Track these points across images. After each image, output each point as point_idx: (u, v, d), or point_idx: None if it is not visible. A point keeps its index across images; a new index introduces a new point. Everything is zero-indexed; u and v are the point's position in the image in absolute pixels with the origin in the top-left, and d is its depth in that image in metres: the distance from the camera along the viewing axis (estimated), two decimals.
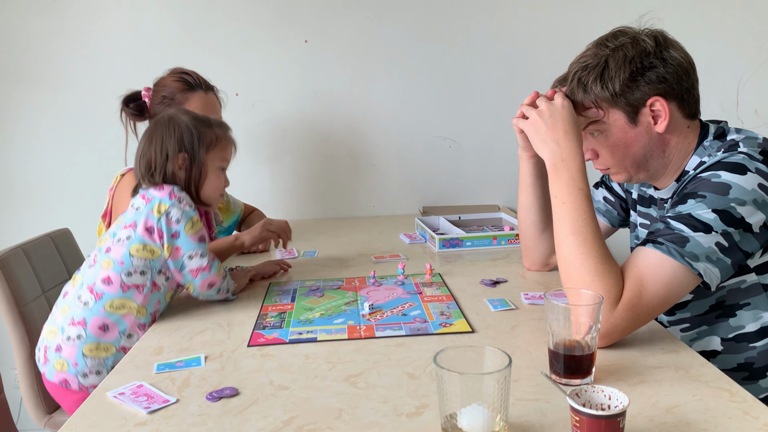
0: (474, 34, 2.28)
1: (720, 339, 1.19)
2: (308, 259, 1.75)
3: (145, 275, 1.29)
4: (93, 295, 1.27)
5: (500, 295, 1.37)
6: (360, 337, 1.16)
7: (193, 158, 1.35)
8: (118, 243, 1.29)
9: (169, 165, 1.33)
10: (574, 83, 1.16)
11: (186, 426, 0.87)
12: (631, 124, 1.14)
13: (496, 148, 2.36)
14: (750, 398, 0.88)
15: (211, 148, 1.38)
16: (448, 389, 0.76)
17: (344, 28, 2.26)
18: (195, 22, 2.23)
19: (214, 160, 1.39)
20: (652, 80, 1.11)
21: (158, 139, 1.35)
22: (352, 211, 2.39)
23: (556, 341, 0.94)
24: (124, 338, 1.28)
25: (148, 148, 1.35)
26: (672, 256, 1.01)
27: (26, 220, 2.30)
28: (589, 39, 1.20)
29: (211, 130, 1.39)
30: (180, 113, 1.39)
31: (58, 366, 1.28)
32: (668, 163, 1.18)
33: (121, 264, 1.28)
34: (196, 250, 1.30)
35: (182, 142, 1.34)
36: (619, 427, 0.74)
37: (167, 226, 1.28)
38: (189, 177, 1.36)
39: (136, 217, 1.29)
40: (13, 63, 2.22)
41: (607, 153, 1.18)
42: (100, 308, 1.26)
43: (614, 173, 1.22)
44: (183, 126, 1.36)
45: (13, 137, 2.27)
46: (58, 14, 2.20)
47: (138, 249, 1.28)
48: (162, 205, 1.29)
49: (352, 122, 2.32)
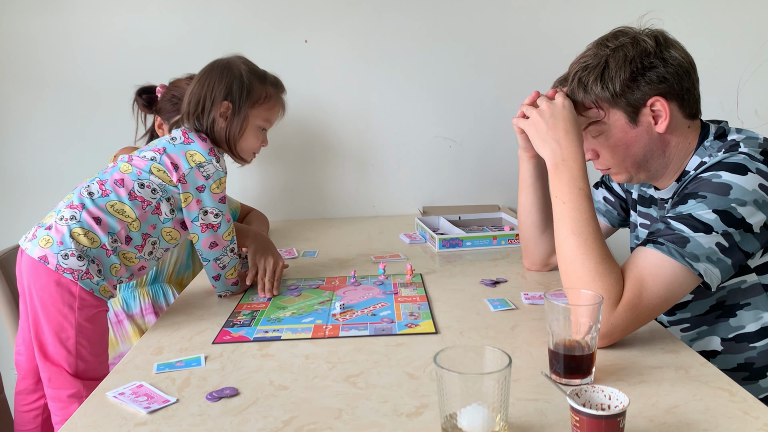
0: (474, 35, 2.28)
1: (720, 339, 1.19)
2: (308, 259, 1.75)
3: (155, 194, 1.30)
4: (101, 190, 1.28)
5: (500, 295, 1.37)
6: (323, 337, 1.17)
7: (237, 110, 1.35)
8: (142, 158, 1.32)
9: (213, 111, 1.34)
10: (574, 83, 1.16)
11: (186, 426, 0.87)
12: (631, 124, 1.14)
13: (496, 148, 2.36)
14: (750, 398, 0.88)
15: (257, 104, 1.38)
16: (448, 389, 0.76)
17: (344, 28, 2.26)
18: (195, 22, 2.23)
19: (256, 117, 1.39)
20: (653, 80, 1.11)
21: (209, 82, 1.36)
22: (352, 211, 2.39)
23: (556, 341, 0.94)
24: (110, 239, 1.26)
25: (198, 88, 1.37)
26: (672, 256, 1.01)
27: (26, 220, 2.30)
28: (589, 39, 1.20)
29: (263, 86, 1.39)
30: (239, 61, 1.40)
31: (42, 242, 1.23)
32: (669, 163, 1.18)
33: (139, 173, 1.30)
34: (214, 209, 1.33)
35: (231, 90, 1.35)
36: (619, 427, 0.74)
37: (196, 177, 1.30)
38: (228, 127, 1.36)
39: (166, 146, 1.32)
40: (13, 63, 2.22)
41: (608, 153, 1.18)
42: (102, 203, 1.27)
43: (615, 173, 1.22)
44: (236, 74, 1.36)
45: (13, 137, 2.26)
46: (58, 14, 2.20)
47: (159, 169, 1.30)
48: (198, 156, 1.31)
49: (352, 122, 2.32)
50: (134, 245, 1.29)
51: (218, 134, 1.36)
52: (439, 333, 1.17)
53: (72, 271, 1.21)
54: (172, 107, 1.70)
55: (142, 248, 1.31)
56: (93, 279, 1.23)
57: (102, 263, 1.25)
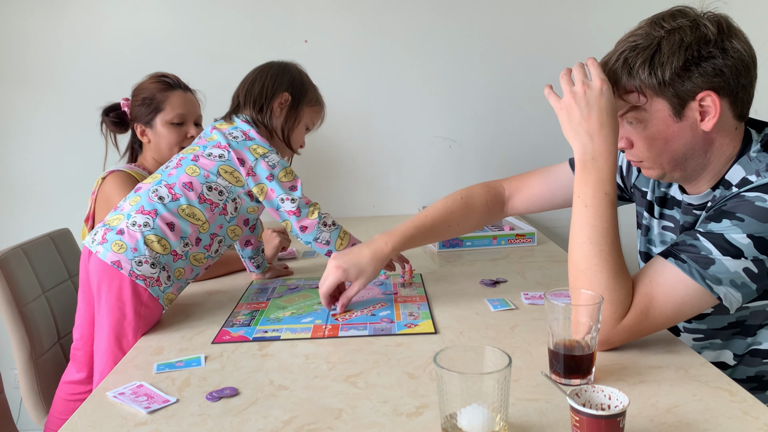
0: (474, 34, 2.28)
1: (733, 354, 1.15)
2: (308, 259, 1.75)
3: (222, 196, 1.32)
4: (171, 194, 1.29)
5: (500, 295, 1.37)
6: (323, 337, 1.17)
7: (294, 103, 1.43)
8: (208, 157, 1.33)
9: (273, 101, 1.41)
10: (618, 63, 1.03)
11: (186, 426, 0.87)
12: (675, 117, 1.01)
13: (496, 148, 2.36)
14: (750, 398, 0.88)
15: (310, 104, 1.46)
16: (448, 389, 0.76)
17: (344, 28, 2.26)
18: (195, 22, 2.23)
19: (307, 115, 1.47)
20: (708, 72, 0.98)
21: (271, 75, 1.43)
22: (352, 211, 2.39)
23: (556, 341, 0.94)
24: (181, 245, 1.28)
25: (260, 77, 1.43)
26: (693, 276, 0.96)
27: (26, 220, 2.30)
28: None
29: (315, 91, 1.49)
30: (294, 65, 1.49)
31: (115, 247, 1.24)
32: (707, 165, 1.07)
33: (206, 176, 1.32)
34: (287, 195, 1.35)
35: (292, 84, 1.43)
36: (619, 427, 0.74)
37: (263, 167, 1.33)
38: (285, 118, 1.42)
39: (230, 142, 1.34)
40: (13, 63, 2.22)
41: (644, 145, 1.06)
42: (174, 207, 1.28)
43: (647, 167, 1.10)
44: (296, 73, 1.46)
45: (13, 137, 2.26)
46: (58, 14, 2.20)
47: (227, 170, 1.33)
48: (261, 148, 1.35)
49: (352, 122, 2.32)
50: (203, 245, 1.32)
51: (274, 123, 1.42)
52: (439, 333, 1.17)
53: (145, 278, 1.24)
54: (147, 110, 1.70)
55: (210, 247, 1.34)
56: (161, 286, 1.26)
57: (170, 268, 1.28)
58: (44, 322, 1.54)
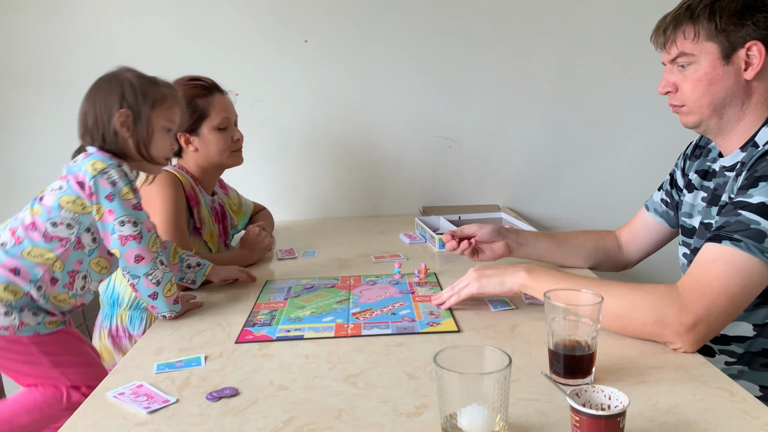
0: (474, 34, 2.28)
1: (753, 325, 1.14)
2: (308, 259, 1.75)
3: (71, 229, 1.23)
4: (13, 238, 1.23)
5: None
6: (346, 335, 1.17)
7: (137, 115, 1.27)
8: (50, 192, 1.24)
9: (111, 123, 1.25)
10: (682, 10, 1.13)
11: (186, 426, 0.87)
12: (723, 60, 1.11)
13: (496, 148, 2.36)
14: (750, 398, 0.88)
15: (156, 106, 1.29)
16: (448, 389, 0.76)
17: (344, 28, 2.26)
18: (195, 21, 2.23)
19: (159, 119, 1.30)
20: (759, 23, 1.08)
21: (100, 96, 1.27)
22: (352, 211, 2.39)
23: (556, 341, 0.94)
24: (34, 288, 1.22)
25: (89, 106, 1.28)
26: (752, 252, 0.97)
27: None
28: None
29: (156, 87, 1.31)
30: (123, 70, 1.31)
31: None
32: (743, 117, 1.14)
33: (48, 212, 1.22)
34: (129, 217, 1.22)
35: (124, 97, 1.26)
36: (619, 427, 0.74)
37: (102, 185, 1.21)
38: (135, 135, 1.27)
39: (69, 168, 1.24)
40: (12, 63, 2.22)
41: (689, 87, 1.15)
42: (17, 252, 1.22)
43: (686, 112, 1.18)
44: (126, 81, 1.27)
45: (13, 137, 2.26)
46: (58, 14, 2.20)
47: (68, 200, 1.22)
48: (99, 163, 1.22)
49: (352, 122, 2.32)
50: (62, 285, 1.26)
51: (125, 145, 1.27)
52: (463, 331, 1.17)
53: (6, 327, 1.20)
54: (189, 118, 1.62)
55: (73, 285, 1.27)
56: (31, 324, 1.23)
57: (32, 308, 1.24)
58: None
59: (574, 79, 2.28)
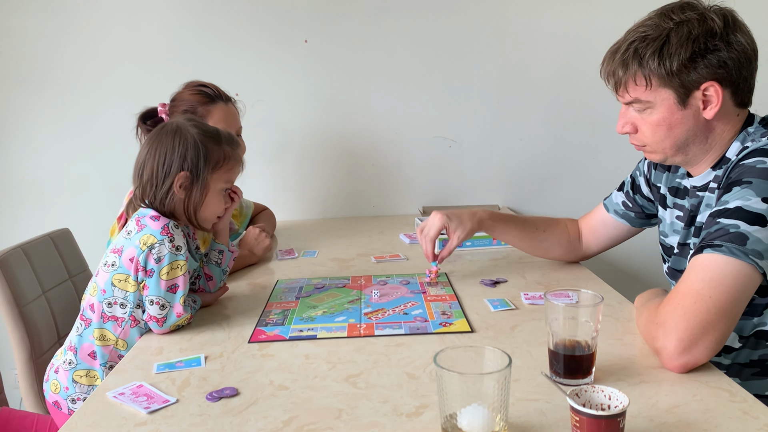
0: (474, 34, 2.28)
1: (739, 336, 1.13)
2: (308, 259, 1.75)
3: (124, 308, 1.22)
4: (83, 322, 1.25)
5: (500, 295, 1.37)
6: (359, 335, 1.16)
7: (196, 178, 1.24)
8: (104, 268, 1.23)
9: (168, 181, 1.23)
10: (629, 53, 1.09)
11: (186, 426, 0.87)
12: (679, 105, 1.08)
13: (496, 148, 2.36)
14: (750, 398, 0.88)
15: (216, 168, 1.27)
16: (448, 389, 0.76)
17: (344, 28, 2.26)
18: (195, 22, 2.23)
19: (218, 181, 1.28)
20: (712, 64, 1.04)
21: (161, 151, 1.24)
22: (352, 211, 2.39)
23: (556, 341, 0.94)
24: (106, 369, 1.23)
25: (150, 159, 1.24)
26: (735, 256, 0.93)
27: (26, 220, 2.30)
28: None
29: (219, 147, 1.27)
30: (189, 125, 1.27)
31: (53, 387, 1.27)
32: (709, 149, 1.13)
33: (103, 292, 1.22)
34: (159, 299, 1.20)
35: (185, 158, 1.23)
36: (619, 427, 0.74)
37: (148, 261, 1.19)
38: (188, 198, 1.25)
39: (124, 243, 1.22)
40: (13, 63, 2.22)
41: (648, 130, 1.13)
42: (89, 335, 1.23)
43: (650, 152, 1.17)
44: (190, 141, 1.24)
45: (13, 137, 2.26)
46: (58, 14, 2.20)
47: (120, 279, 1.21)
48: (150, 238, 1.19)
49: (352, 122, 2.32)
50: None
51: (176, 206, 1.24)
52: (476, 332, 1.17)
53: None
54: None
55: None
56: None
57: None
58: (44, 322, 1.54)
59: (574, 79, 2.28)
